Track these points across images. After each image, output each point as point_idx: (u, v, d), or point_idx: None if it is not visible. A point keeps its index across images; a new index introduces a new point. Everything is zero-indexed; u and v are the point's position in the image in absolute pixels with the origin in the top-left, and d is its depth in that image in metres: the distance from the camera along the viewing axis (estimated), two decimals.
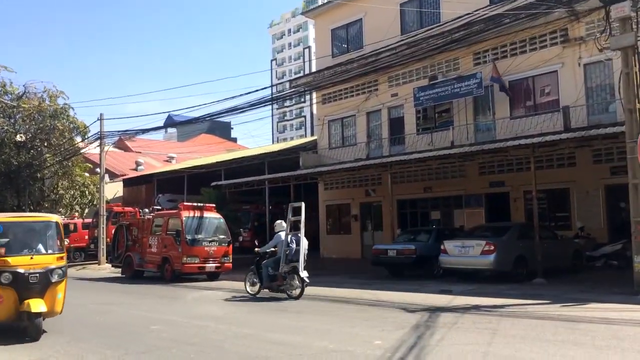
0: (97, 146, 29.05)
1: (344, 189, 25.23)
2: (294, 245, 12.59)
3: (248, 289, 13.25)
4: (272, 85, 53.06)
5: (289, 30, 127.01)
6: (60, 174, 36.26)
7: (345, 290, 13.84)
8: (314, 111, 35.14)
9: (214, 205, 19.91)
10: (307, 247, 12.91)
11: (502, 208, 19.56)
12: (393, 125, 23.13)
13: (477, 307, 10.40)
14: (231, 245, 18.82)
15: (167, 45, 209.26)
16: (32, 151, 36.09)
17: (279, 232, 13.01)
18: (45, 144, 36.07)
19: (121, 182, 38.79)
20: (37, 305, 7.91)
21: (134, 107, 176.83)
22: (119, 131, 30.24)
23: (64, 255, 8.96)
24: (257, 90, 38.75)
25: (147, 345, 7.49)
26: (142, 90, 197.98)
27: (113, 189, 37.72)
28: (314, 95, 27.88)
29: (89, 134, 33.78)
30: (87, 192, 37.02)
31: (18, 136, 34.89)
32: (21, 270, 7.96)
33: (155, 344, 7.58)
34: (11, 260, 8.02)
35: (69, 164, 36.06)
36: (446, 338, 7.43)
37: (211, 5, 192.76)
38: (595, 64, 17.52)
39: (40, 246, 8.68)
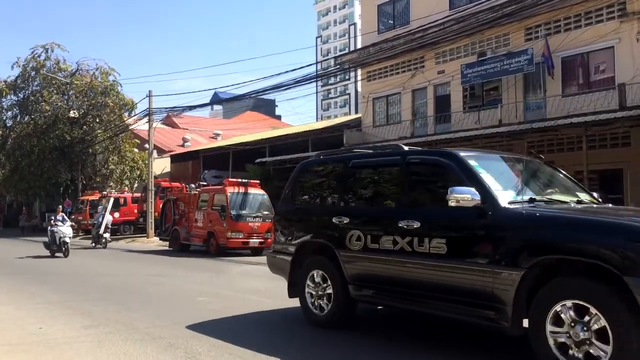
0: (146, 122, 29.73)
1: None
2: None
3: None
4: (316, 62, 52.94)
5: (335, 7, 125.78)
6: (110, 149, 37.44)
7: None
8: (359, 89, 34.85)
9: (258, 181, 20.16)
10: None
11: None
12: (439, 103, 22.74)
13: None
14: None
15: (213, 23, 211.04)
16: (84, 127, 37.35)
17: None
18: (97, 120, 37.23)
19: (169, 158, 39.66)
20: None
21: (181, 84, 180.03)
22: (166, 108, 30.92)
23: None
24: (301, 68, 38.59)
25: (195, 315, 7.68)
26: (189, 68, 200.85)
27: (161, 165, 38.63)
28: (359, 72, 27.64)
29: (138, 111, 34.64)
30: (136, 167, 38.14)
31: (71, 112, 36.13)
32: None
33: (201, 314, 7.76)
34: None
35: (119, 139, 37.14)
36: None
37: None
38: None
39: None
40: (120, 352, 5.73)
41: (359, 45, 30.28)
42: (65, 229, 18.04)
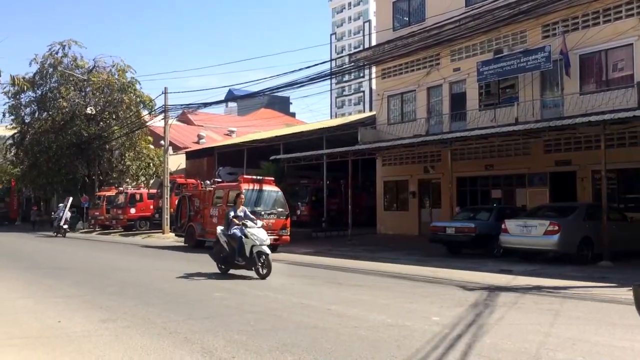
0: (162, 119, 29.91)
1: (402, 166, 24.98)
2: None
3: None
4: (331, 60, 52.70)
5: (349, 4, 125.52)
6: (127, 145, 37.72)
7: (402, 267, 13.82)
8: (373, 86, 34.72)
9: (272, 178, 20.18)
10: None
11: (568, 188, 18.86)
12: (454, 100, 22.60)
13: (538, 288, 10.15)
14: (289, 219, 19.09)
15: (228, 20, 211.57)
16: (101, 123, 37.69)
17: None
18: (114, 117, 37.54)
19: (184, 155, 39.91)
20: None
21: (196, 82, 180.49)
22: (182, 105, 31.06)
23: None
24: (316, 65, 38.85)
25: (210, 311, 7.76)
26: (204, 65, 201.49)
27: (176, 161, 38.89)
28: (374, 69, 27.56)
29: (154, 107, 34.86)
30: (151, 164, 38.42)
31: (88, 109, 36.46)
32: None
33: (217, 310, 7.84)
34: None
35: (135, 136, 37.43)
36: (506, 317, 7.31)
37: None
38: None
39: None
40: (138, 346, 5.80)
41: (373, 43, 30.21)
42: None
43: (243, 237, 11.30)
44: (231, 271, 11.89)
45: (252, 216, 11.96)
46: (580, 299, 9.00)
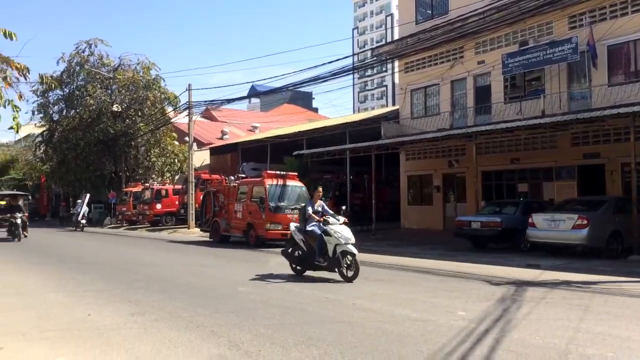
0: (186, 116, 30.19)
1: (426, 160, 24.80)
2: None
3: None
4: (353, 55, 52.66)
5: None
6: (152, 142, 38.19)
7: (426, 261, 13.74)
8: (396, 80, 34.52)
9: (296, 173, 20.25)
10: None
11: (597, 181, 18.50)
12: (479, 94, 22.32)
13: (567, 283, 10.00)
14: None
15: (250, 16, 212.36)
16: (127, 120, 38.19)
17: None
18: (139, 114, 38.03)
19: (208, 151, 40.25)
20: None
21: (219, 78, 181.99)
22: (205, 101, 31.32)
23: None
24: (338, 60, 38.61)
25: (235, 305, 7.82)
26: (227, 61, 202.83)
27: (200, 157, 39.25)
28: (396, 63, 27.36)
29: (179, 104, 35.21)
30: (176, 160, 38.83)
31: (114, 106, 36.99)
32: None
33: (242, 304, 7.90)
34: None
35: (160, 133, 37.88)
36: (534, 312, 7.22)
37: None
38: None
39: None
40: (166, 339, 5.88)
41: (396, 36, 29.98)
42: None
43: (324, 235, 10.18)
44: (258, 267, 11.95)
45: (331, 211, 10.79)
46: (610, 294, 8.83)
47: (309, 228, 10.48)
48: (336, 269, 10.05)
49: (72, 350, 5.53)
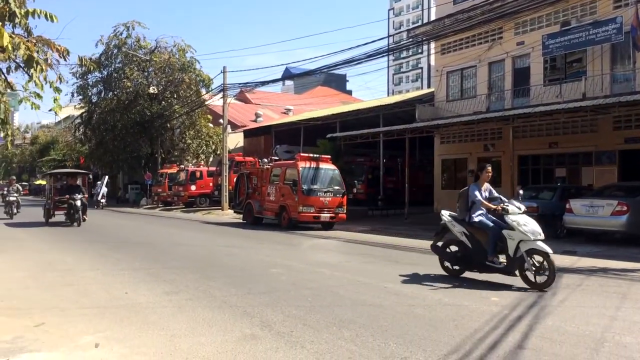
0: (220, 98, 30.42)
1: (461, 143, 24.43)
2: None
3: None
4: (388, 36, 51.88)
5: None
6: (187, 124, 38.66)
7: None
8: (432, 62, 33.96)
9: (329, 156, 20.22)
10: None
11: (638, 166, 17.93)
12: (517, 76, 21.80)
13: (604, 270, 9.77)
14: (346, 197, 19.13)
15: None
16: (163, 102, 38.71)
17: None
18: (175, 96, 38.49)
19: (242, 133, 40.54)
20: None
21: (253, 60, 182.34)
22: (239, 84, 31.46)
23: None
24: (373, 42, 38.43)
25: (268, 286, 7.91)
26: (261, 43, 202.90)
27: (234, 140, 39.58)
28: (432, 45, 26.90)
29: (213, 87, 35.48)
30: (211, 142, 39.26)
31: (151, 88, 37.48)
32: None
33: (274, 285, 7.99)
34: None
35: (195, 115, 38.29)
36: (569, 299, 7.09)
37: None
38: None
39: None
40: (200, 318, 5.99)
41: (433, 17, 29.44)
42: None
43: (501, 227, 8.09)
44: (290, 249, 11.99)
45: (501, 196, 8.63)
46: None
47: (475, 218, 8.42)
48: (517, 272, 7.95)
49: (110, 327, 5.69)
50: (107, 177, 36.77)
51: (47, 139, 68.19)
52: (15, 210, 23.52)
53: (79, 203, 19.10)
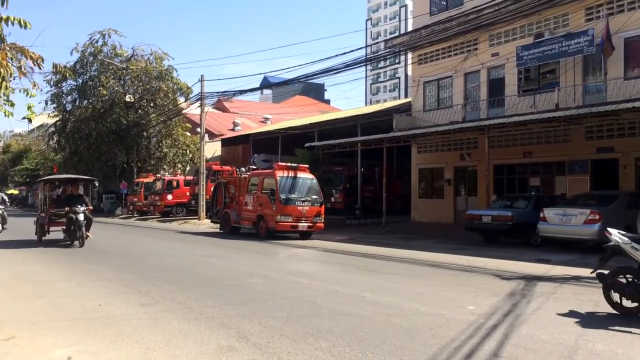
0: (198, 107, 30.25)
1: (438, 153, 24.68)
2: None
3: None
4: (366, 46, 52.37)
5: None
6: (164, 133, 38.33)
7: (437, 255, 13.71)
8: (409, 72, 34.31)
9: (307, 165, 20.23)
10: None
11: (610, 176, 18.32)
12: (492, 86, 22.15)
13: (577, 278, 9.93)
14: (323, 206, 19.14)
15: (263, 6, 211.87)
16: (139, 111, 38.33)
17: None
18: (151, 104, 38.14)
19: (219, 142, 40.32)
20: None
21: (232, 69, 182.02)
22: (218, 92, 31.40)
23: None
24: (351, 51, 38.50)
25: (245, 296, 7.86)
26: (239, 52, 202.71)
27: (212, 148, 39.35)
28: (410, 55, 27.20)
29: (190, 95, 35.26)
30: (188, 151, 38.97)
31: (127, 97, 37.10)
32: None
33: (252, 296, 7.93)
34: None
35: (172, 123, 37.99)
36: (543, 307, 7.18)
37: None
38: None
39: None
40: (175, 330, 5.92)
41: (410, 28, 29.77)
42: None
43: None
44: (268, 259, 11.87)
45: None
46: None
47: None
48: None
49: (83, 340, 5.58)
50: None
51: (20, 147, 66.90)
52: (0, 227, 19.84)
53: (81, 217, 15.05)
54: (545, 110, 18.38)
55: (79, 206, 15.28)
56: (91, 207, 16.59)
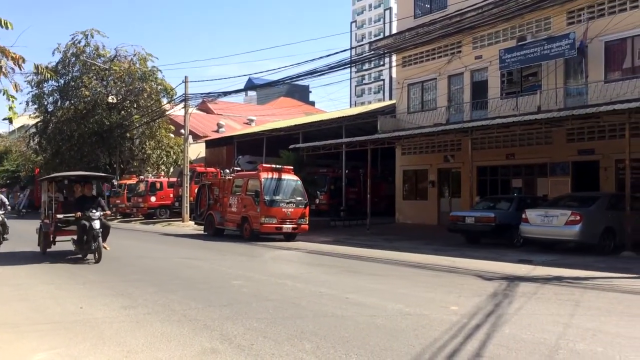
0: (182, 108, 30.08)
1: (422, 155, 24.82)
2: None
3: None
4: (351, 48, 52.54)
5: None
6: (147, 134, 38.03)
7: (421, 256, 13.78)
8: (394, 74, 34.48)
9: (291, 167, 20.21)
10: None
11: (591, 177, 18.58)
12: (475, 89, 22.33)
13: (559, 279, 10.04)
14: (308, 207, 19.14)
15: (248, 8, 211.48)
16: (122, 112, 38.00)
17: None
18: (135, 106, 37.84)
19: (204, 144, 40.13)
20: None
21: (216, 70, 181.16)
22: (202, 94, 31.37)
23: None
24: (336, 53, 38.65)
25: (229, 298, 7.82)
26: (224, 54, 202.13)
27: (196, 150, 39.13)
28: (394, 58, 27.31)
29: (175, 96, 35.03)
30: (171, 153, 38.71)
31: (110, 97, 36.74)
32: None
33: (236, 297, 7.90)
34: None
35: (156, 125, 37.71)
36: (525, 307, 7.25)
37: None
38: None
39: None
40: (158, 333, 5.87)
41: (394, 31, 29.96)
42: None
43: None
44: (252, 261, 11.81)
45: None
46: (601, 290, 8.88)
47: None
48: None
49: (64, 343, 5.51)
50: (28, 189, 36.86)
51: (0, 149, 65.92)
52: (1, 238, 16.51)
53: (97, 224, 12.05)
54: (527, 112, 18.57)
55: (94, 211, 12.24)
56: (108, 212, 13.96)
